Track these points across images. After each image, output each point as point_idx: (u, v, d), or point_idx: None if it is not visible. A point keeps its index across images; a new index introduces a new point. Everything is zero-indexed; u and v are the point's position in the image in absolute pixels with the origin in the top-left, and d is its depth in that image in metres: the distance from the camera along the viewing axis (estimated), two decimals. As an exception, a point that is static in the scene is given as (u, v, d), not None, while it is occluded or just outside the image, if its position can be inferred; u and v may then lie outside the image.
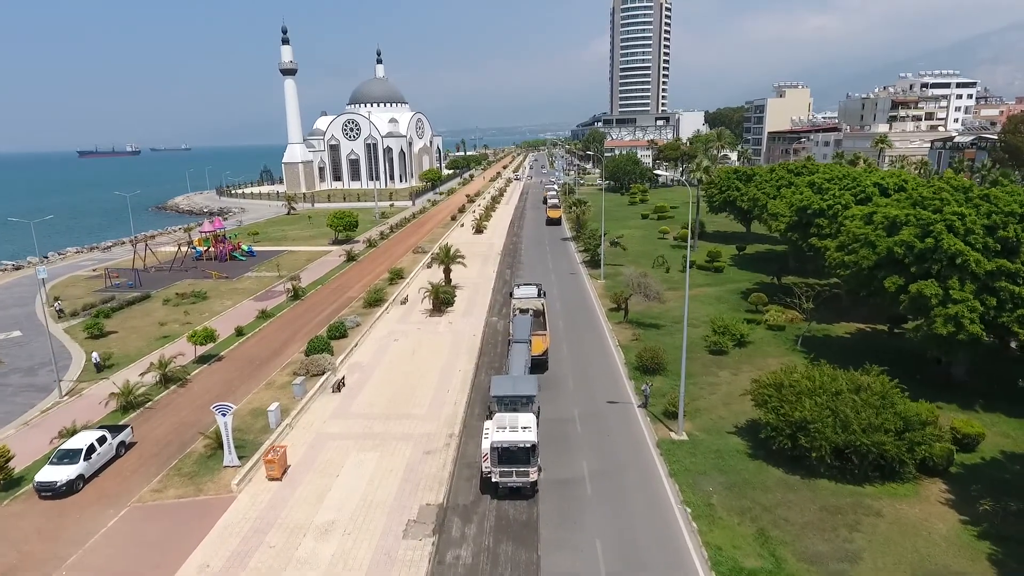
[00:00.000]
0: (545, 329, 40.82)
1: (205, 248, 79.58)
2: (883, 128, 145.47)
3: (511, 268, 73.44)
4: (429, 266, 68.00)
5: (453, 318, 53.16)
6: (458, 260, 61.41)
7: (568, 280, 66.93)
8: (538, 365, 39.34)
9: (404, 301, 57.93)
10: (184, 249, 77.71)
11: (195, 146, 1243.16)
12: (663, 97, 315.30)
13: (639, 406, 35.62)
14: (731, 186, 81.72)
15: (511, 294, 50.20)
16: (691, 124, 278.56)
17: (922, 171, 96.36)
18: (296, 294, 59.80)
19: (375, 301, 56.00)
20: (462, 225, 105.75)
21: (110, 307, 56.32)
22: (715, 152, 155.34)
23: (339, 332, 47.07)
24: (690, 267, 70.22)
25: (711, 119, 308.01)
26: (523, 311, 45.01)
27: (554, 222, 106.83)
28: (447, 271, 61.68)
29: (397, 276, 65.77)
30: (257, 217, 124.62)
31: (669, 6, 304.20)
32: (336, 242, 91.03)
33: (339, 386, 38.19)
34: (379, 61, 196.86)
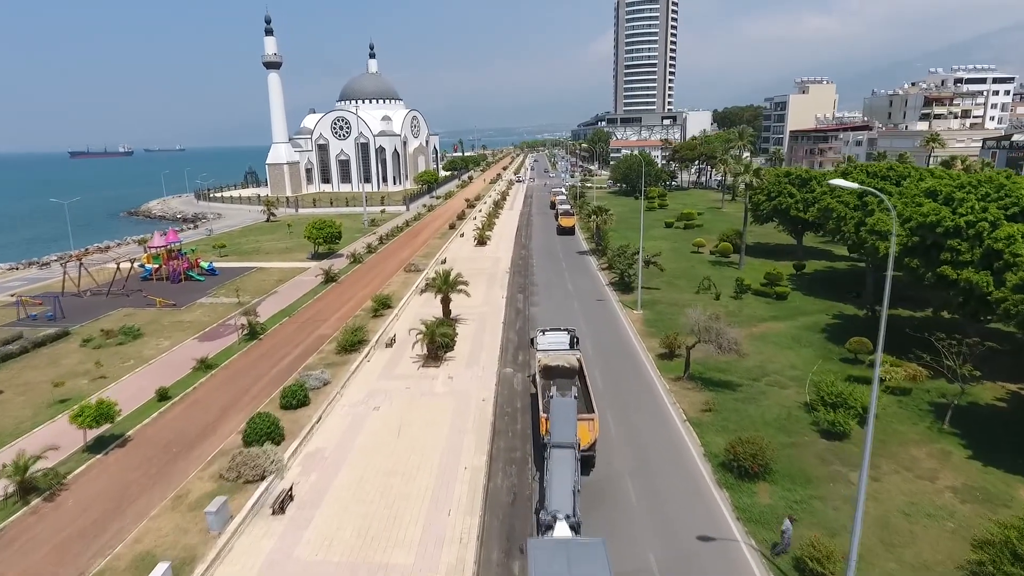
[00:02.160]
0: (592, 411, 27.77)
1: (156, 266, 66.43)
2: (921, 126, 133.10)
3: (523, 291, 60.48)
4: (423, 291, 54.62)
5: (454, 368, 40.19)
6: (459, 287, 48.47)
7: (596, 309, 53.97)
8: (583, 462, 26.40)
9: (390, 343, 44.87)
10: (127, 267, 64.35)
11: (193, 146, 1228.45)
12: (669, 95, 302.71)
13: (777, 552, 22.36)
14: (782, 191, 68.95)
15: (533, 342, 37.32)
16: (698, 123, 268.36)
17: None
18: (253, 332, 46.74)
19: (352, 345, 42.88)
20: (462, 235, 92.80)
21: (6, 352, 43.13)
22: (738, 151, 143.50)
23: (297, 398, 34.00)
24: (744, 292, 57.70)
25: (719, 118, 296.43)
26: (553, 373, 32.31)
27: (567, 231, 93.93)
28: (446, 301, 48.71)
29: (383, 305, 52.73)
30: (233, 224, 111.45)
31: (676, 1, 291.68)
32: (315, 256, 78.04)
33: (283, 503, 25.16)
34: (372, 56, 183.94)
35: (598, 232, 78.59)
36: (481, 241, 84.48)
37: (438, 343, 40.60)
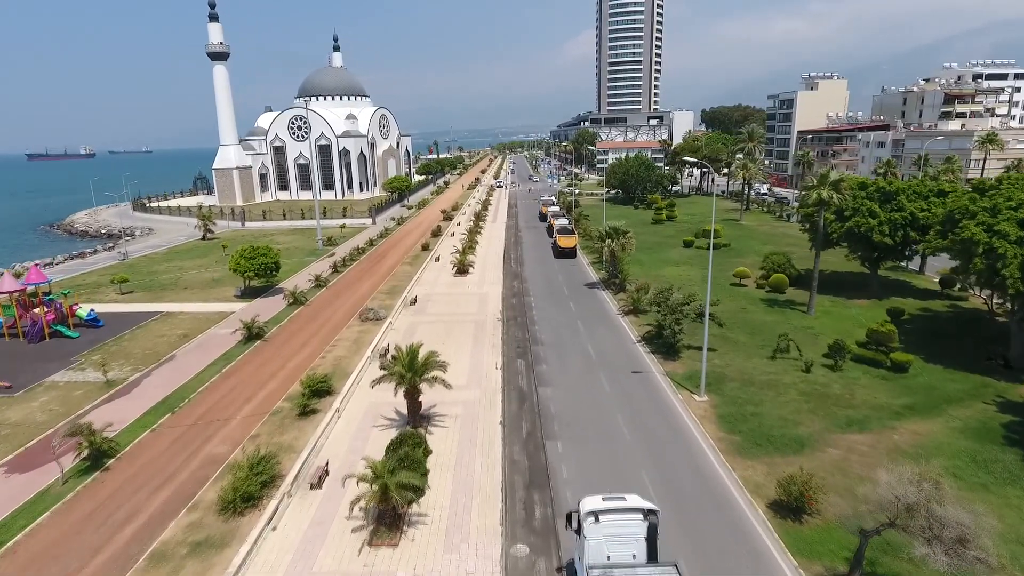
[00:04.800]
0: None
1: (8, 320, 47.55)
2: (953, 125, 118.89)
3: (524, 354, 42.97)
4: (379, 378, 34.91)
5: (424, 547, 22.61)
6: (434, 374, 30.84)
7: (636, 392, 36.62)
8: None
9: (319, 480, 26.88)
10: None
11: (161, 148, 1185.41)
12: (655, 95, 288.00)
13: None
14: (860, 209, 52.59)
15: (570, 522, 19.90)
16: (684, 124, 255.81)
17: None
18: (97, 458, 28.52)
19: (250, 496, 24.90)
20: (438, 258, 74.95)
21: None
22: (744, 154, 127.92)
23: None
24: (841, 359, 40.76)
25: (708, 118, 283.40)
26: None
27: (567, 253, 76.72)
28: (412, 396, 30.99)
29: (318, 392, 34.75)
30: (161, 243, 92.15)
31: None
32: (246, 292, 59.71)
33: None
34: (336, 48, 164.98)
35: (613, 260, 61.36)
36: (462, 269, 66.75)
37: (395, 502, 22.88)
